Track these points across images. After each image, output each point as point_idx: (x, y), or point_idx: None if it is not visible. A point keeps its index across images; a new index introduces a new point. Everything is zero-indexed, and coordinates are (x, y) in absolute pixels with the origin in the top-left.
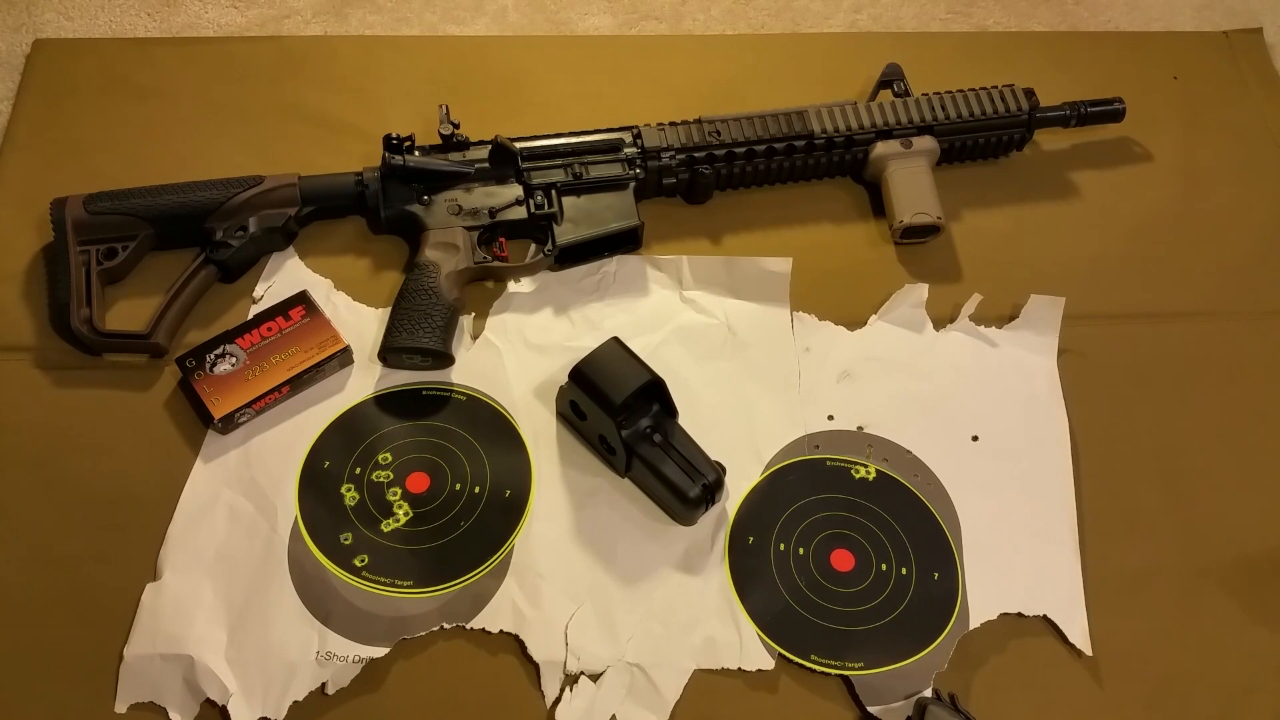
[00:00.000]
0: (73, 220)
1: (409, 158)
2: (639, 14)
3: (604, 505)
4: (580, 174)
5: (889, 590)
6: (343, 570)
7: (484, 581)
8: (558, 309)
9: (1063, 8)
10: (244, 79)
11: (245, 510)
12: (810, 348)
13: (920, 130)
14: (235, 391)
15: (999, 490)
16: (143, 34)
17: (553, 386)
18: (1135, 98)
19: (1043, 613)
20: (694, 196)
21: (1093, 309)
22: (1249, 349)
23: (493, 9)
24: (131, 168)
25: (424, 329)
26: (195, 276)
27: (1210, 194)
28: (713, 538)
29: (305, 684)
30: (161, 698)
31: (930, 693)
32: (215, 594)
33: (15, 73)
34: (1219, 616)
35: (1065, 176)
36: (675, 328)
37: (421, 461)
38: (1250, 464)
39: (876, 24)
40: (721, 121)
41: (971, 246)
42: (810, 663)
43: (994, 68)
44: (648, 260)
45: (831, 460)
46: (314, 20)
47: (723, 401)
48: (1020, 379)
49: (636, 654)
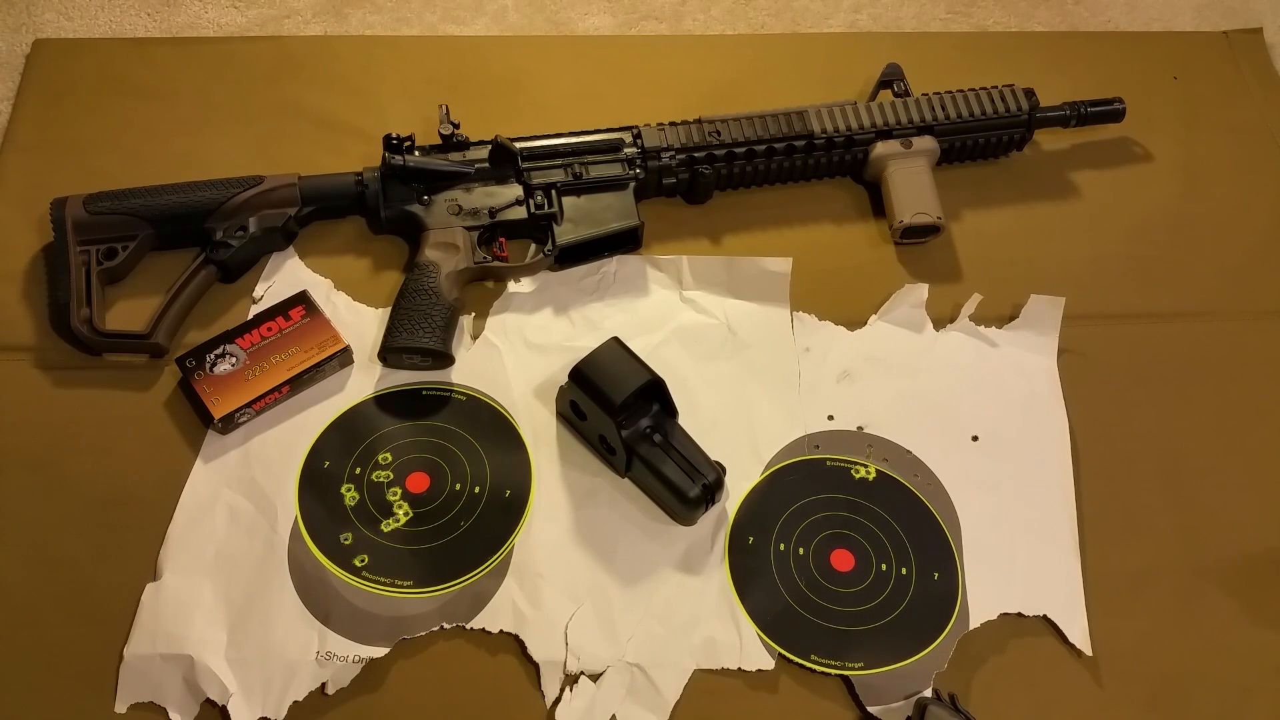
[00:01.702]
0: (73, 220)
1: (409, 158)
2: (639, 14)
3: (604, 505)
4: (580, 174)
5: (889, 590)
6: (343, 570)
7: (484, 581)
8: (558, 309)
9: (1063, 8)
10: (244, 79)
11: (245, 510)
12: (810, 348)
13: (920, 130)
14: (235, 391)
15: (999, 490)
16: (143, 34)
17: (553, 386)
18: (1135, 98)
19: (1043, 613)
20: (694, 196)
21: (1093, 309)
22: (1249, 349)
23: (493, 9)
24: (131, 168)
25: (424, 329)
26: (195, 276)
27: (1210, 194)
28: (713, 538)
29: (305, 684)
30: (161, 698)
31: (930, 693)
32: (215, 594)
33: (15, 73)
34: (1219, 616)
35: (1065, 176)
36: (675, 328)
37: (421, 461)
38: (1250, 464)
39: (876, 24)
40: (721, 121)
41: (971, 246)
42: (810, 663)
43: (994, 68)
44: (648, 260)
45: (831, 460)
46: (314, 20)
47: (723, 401)
48: (1020, 379)
49: (636, 654)
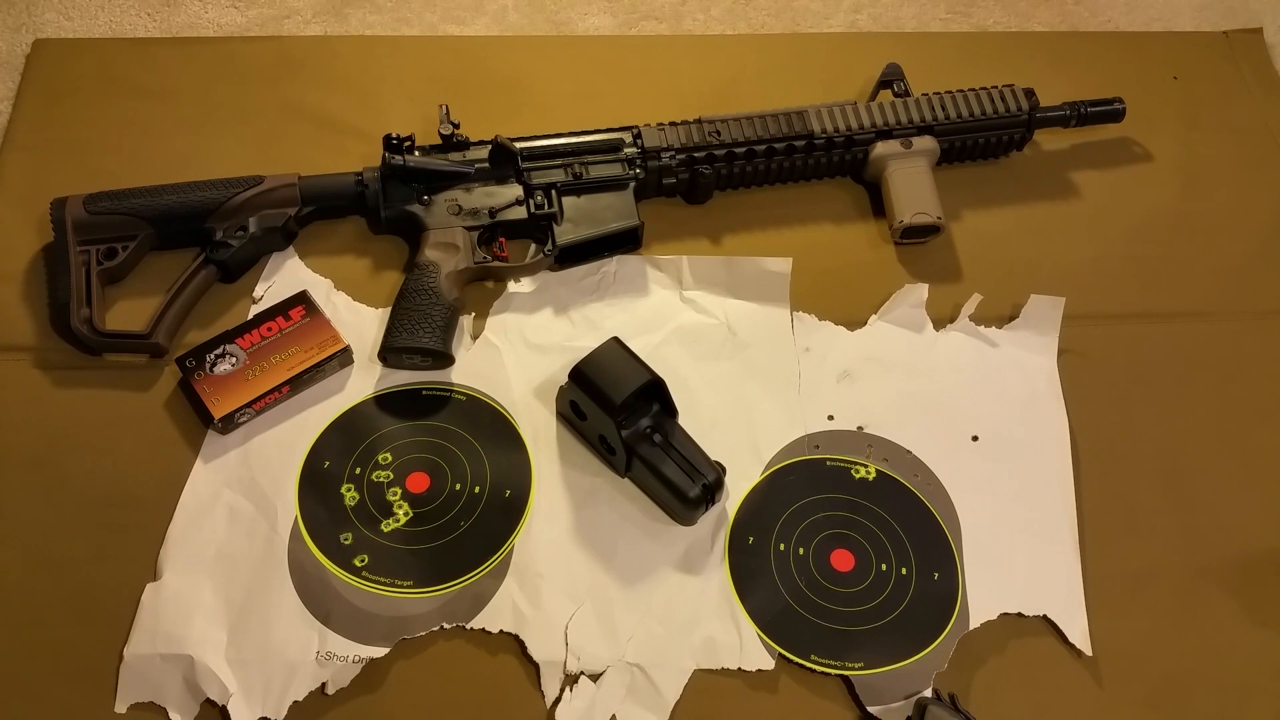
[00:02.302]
0: (73, 220)
1: (409, 158)
2: (639, 14)
3: (604, 505)
4: (580, 174)
5: (889, 590)
6: (343, 570)
7: (484, 581)
8: (558, 309)
9: (1063, 8)
10: (244, 79)
11: (245, 510)
12: (810, 348)
13: (920, 130)
14: (235, 391)
15: (999, 490)
16: (143, 34)
17: (553, 386)
18: (1135, 98)
19: (1043, 613)
20: (694, 196)
21: (1093, 309)
22: (1249, 349)
23: (493, 9)
24: (131, 168)
25: (424, 329)
26: (195, 276)
27: (1210, 194)
28: (713, 538)
29: (305, 684)
30: (161, 698)
31: (930, 693)
32: (215, 594)
33: (15, 73)
34: (1219, 616)
35: (1065, 176)
36: (675, 328)
37: (421, 461)
38: (1250, 464)
39: (876, 24)
40: (721, 121)
41: (971, 246)
42: (810, 663)
43: (994, 68)
44: (648, 260)
45: (831, 460)
46: (314, 20)
47: (723, 401)
48: (1020, 379)
49: (636, 654)
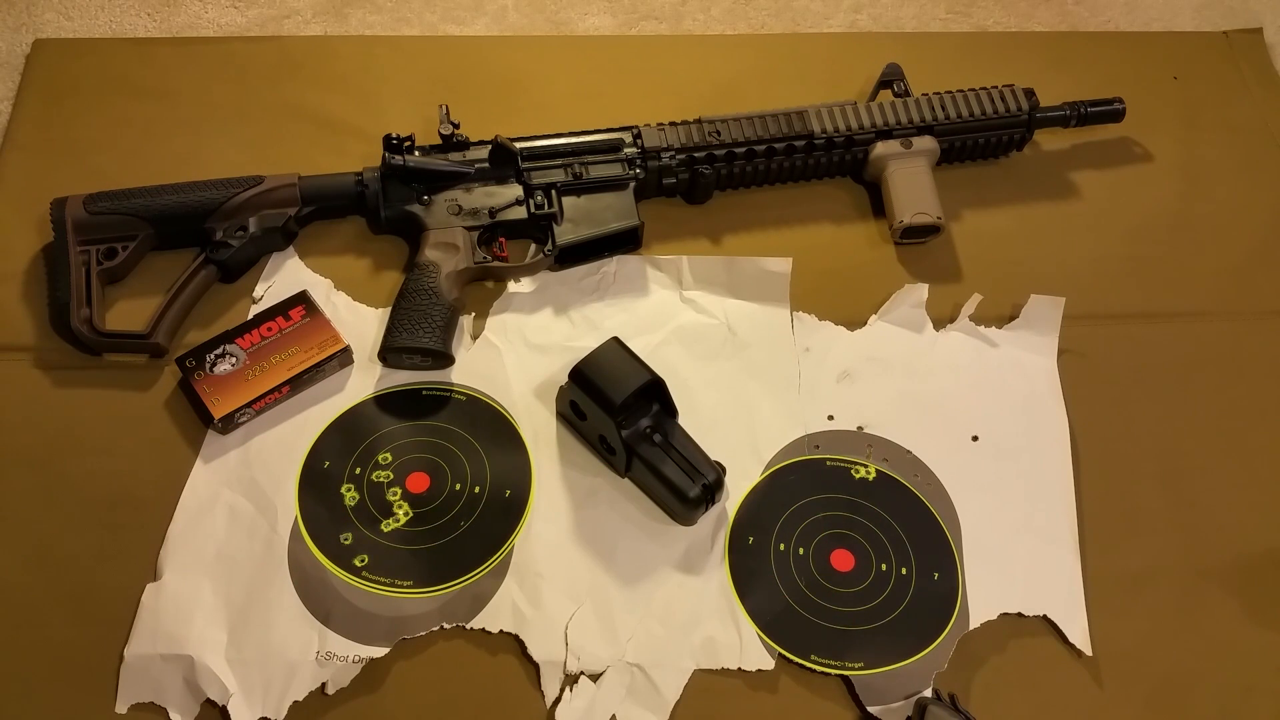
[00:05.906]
0: (73, 220)
1: (409, 158)
2: (639, 14)
3: (604, 505)
4: (580, 174)
5: (889, 590)
6: (343, 570)
7: (484, 581)
8: (558, 309)
9: (1063, 8)
10: (244, 79)
11: (245, 510)
12: (810, 348)
13: (920, 130)
14: (235, 391)
15: (999, 490)
16: (143, 34)
17: (553, 386)
18: (1135, 98)
19: (1043, 613)
20: (694, 196)
21: (1093, 309)
22: (1249, 349)
23: (493, 9)
24: (131, 168)
25: (424, 329)
26: (195, 276)
27: (1210, 194)
28: (713, 538)
29: (305, 684)
30: (162, 698)
31: (930, 693)
32: (215, 594)
33: (15, 73)
34: (1219, 616)
35: (1065, 176)
36: (675, 328)
37: (421, 461)
38: (1250, 464)
39: (876, 24)
40: (721, 121)
41: (971, 246)
42: (810, 663)
43: (994, 68)
44: (648, 260)
45: (831, 460)
46: (314, 20)
47: (723, 401)
48: (1020, 379)
49: (636, 654)
